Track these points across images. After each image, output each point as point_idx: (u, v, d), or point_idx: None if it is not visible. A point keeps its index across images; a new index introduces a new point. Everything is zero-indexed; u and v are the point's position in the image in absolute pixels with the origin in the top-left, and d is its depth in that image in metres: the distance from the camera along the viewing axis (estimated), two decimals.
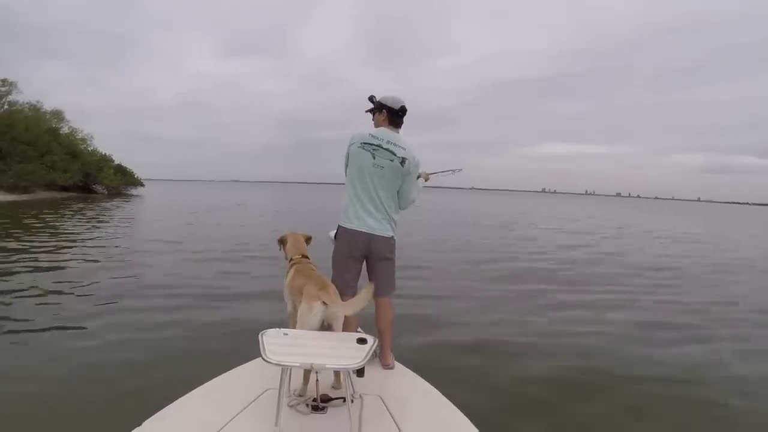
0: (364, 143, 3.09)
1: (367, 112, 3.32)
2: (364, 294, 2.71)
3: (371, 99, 3.29)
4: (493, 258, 12.40)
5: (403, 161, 3.13)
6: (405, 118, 3.22)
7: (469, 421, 2.51)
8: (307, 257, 3.24)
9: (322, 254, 3.39)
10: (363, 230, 3.09)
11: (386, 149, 3.09)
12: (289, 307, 3.04)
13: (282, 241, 3.40)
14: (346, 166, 3.21)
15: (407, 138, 3.23)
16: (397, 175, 3.15)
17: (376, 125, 3.26)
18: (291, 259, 3.22)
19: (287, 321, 3.04)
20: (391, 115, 3.19)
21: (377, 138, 3.11)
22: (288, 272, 3.13)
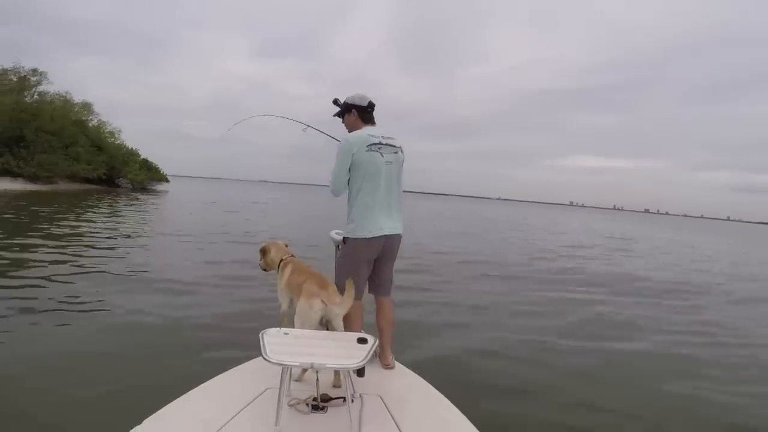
0: (371, 145, 3.01)
1: (334, 116, 3.27)
2: (348, 294, 2.76)
3: (336, 102, 3.23)
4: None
5: (401, 150, 3.16)
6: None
7: (468, 421, 2.51)
8: (294, 256, 3.30)
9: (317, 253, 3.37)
10: (381, 234, 3.05)
11: (386, 144, 3.07)
12: (284, 306, 3.09)
13: (264, 251, 3.40)
14: (345, 171, 3.04)
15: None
16: (401, 166, 3.18)
17: (349, 126, 3.19)
18: (282, 259, 3.26)
19: (280, 319, 3.08)
20: (362, 112, 3.15)
21: (375, 136, 3.05)
22: (283, 270, 3.18)
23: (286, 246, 3.44)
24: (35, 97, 40.68)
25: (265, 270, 3.43)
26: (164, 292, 6.95)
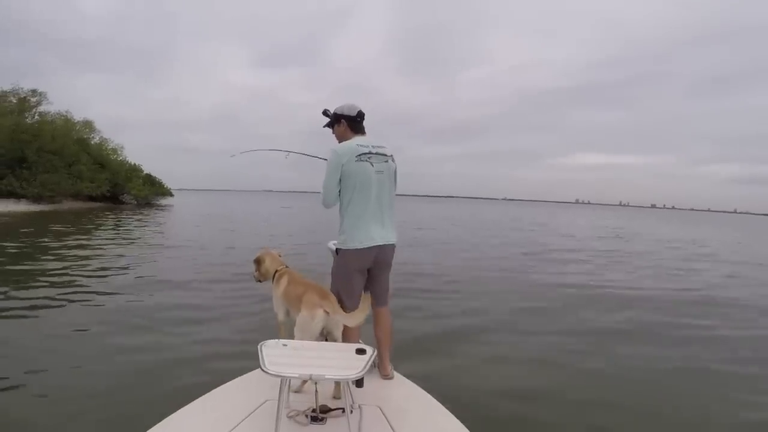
0: (360, 155, 2.98)
1: (324, 127, 3.25)
2: (365, 306, 2.82)
3: (326, 113, 3.20)
4: None
5: (392, 158, 3.14)
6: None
7: (468, 431, 2.51)
8: (288, 267, 3.33)
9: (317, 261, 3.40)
10: (373, 245, 3.02)
11: (377, 153, 3.03)
12: (281, 316, 3.13)
13: (258, 261, 3.41)
14: (335, 183, 3.01)
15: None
16: (393, 174, 3.15)
17: (339, 137, 3.16)
18: (276, 270, 3.28)
19: (277, 330, 3.11)
20: (351, 122, 3.12)
21: (365, 146, 3.01)
22: (278, 281, 3.20)
23: (280, 256, 3.45)
24: (35, 117, 40.66)
25: (259, 281, 3.44)
26: (166, 300, 7.03)
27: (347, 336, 2.88)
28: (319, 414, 2.49)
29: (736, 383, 4.86)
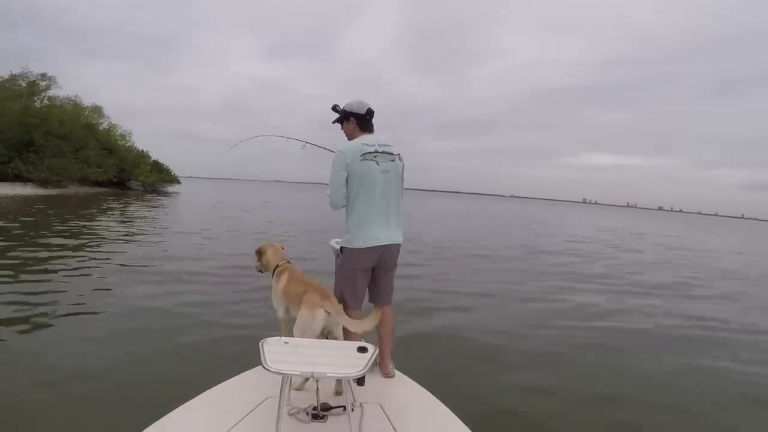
0: (365, 154, 2.95)
1: (333, 123, 3.22)
2: (375, 317, 2.86)
3: (335, 108, 3.16)
4: None
5: (399, 157, 3.10)
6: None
7: (469, 430, 2.51)
8: (289, 263, 3.32)
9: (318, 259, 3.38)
10: (378, 245, 3.00)
11: (383, 152, 3.00)
12: (281, 313, 3.12)
13: (260, 252, 3.40)
14: (342, 183, 2.99)
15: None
16: (400, 174, 3.12)
17: (348, 134, 3.13)
18: (277, 265, 3.27)
19: (278, 326, 3.11)
20: (360, 120, 3.09)
21: (371, 145, 2.98)
22: (278, 277, 3.18)
23: (282, 248, 3.43)
24: (44, 102, 40.50)
25: (260, 272, 3.43)
26: (169, 297, 6.92)
27: (349, 334, 2.87)
28: (320, 412, 2.49)
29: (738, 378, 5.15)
